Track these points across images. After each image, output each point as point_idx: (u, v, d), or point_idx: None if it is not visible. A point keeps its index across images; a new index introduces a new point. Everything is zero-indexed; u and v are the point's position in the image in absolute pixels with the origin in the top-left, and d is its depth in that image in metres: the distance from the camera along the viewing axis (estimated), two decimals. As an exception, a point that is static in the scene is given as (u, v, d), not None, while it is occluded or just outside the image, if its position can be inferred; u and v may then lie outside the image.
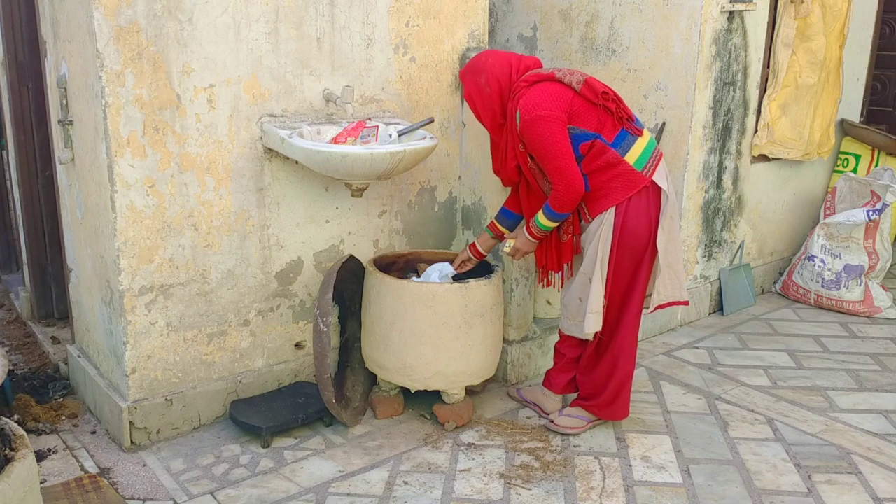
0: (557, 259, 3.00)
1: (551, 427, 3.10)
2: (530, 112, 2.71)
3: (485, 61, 2.86)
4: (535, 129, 2.70)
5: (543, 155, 2.74)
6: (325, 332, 2.90)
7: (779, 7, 4.18)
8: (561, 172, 2.72)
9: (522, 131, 2.75)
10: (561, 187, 2.74)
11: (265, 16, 2.89)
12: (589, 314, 2.87)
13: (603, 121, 2.76)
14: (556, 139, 2.70)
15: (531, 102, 2.71)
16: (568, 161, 2.72)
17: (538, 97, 2.72)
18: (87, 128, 2.82)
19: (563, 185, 2.73)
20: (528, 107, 2.71)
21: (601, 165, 2.77)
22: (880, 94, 5.45)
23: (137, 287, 2.81)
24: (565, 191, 2.74)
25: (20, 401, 3.13)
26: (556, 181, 2.74)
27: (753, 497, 2.71)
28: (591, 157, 2.76)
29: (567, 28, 4.30)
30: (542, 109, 2.70)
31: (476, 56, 2.93)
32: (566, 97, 2.74)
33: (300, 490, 2.69)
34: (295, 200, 3.11)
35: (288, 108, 3.02)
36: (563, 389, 3.18)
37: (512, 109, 2.79)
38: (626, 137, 2.79)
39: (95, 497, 2.59)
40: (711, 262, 4.33)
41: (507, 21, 4.62)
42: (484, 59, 2.87)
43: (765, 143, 4.34)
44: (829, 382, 3.60)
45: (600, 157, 2.76)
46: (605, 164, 2.77)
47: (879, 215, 4.40)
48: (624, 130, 2.80)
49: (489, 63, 2.84)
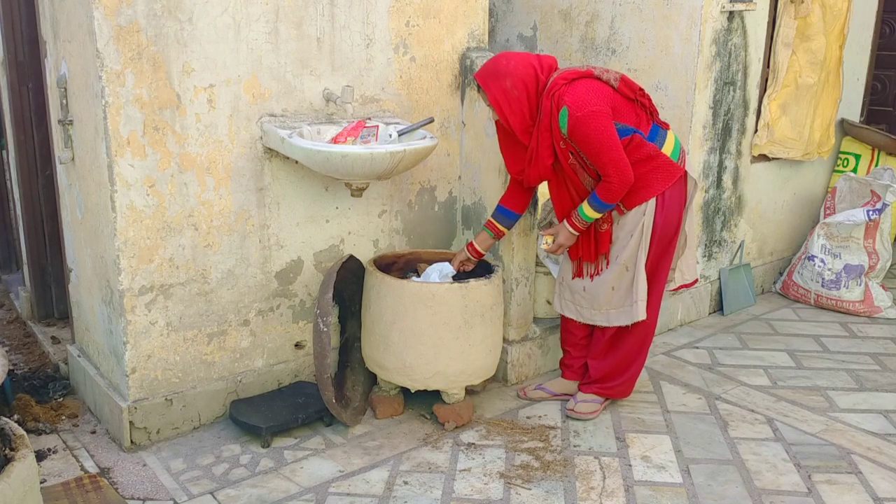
0: (595, 249, 3.05)
1: (573, 415, 3.18)
2: (581, 109, 2.72)
3: (507, 64, 2.83)
4: (588, 124, 2.73)
5: (598, 149, 2.76)
6: (325, 332, 2.90)
7: (779, 7, 4.18)
8: (616, 164, 2.77)
9: (573, 128, 2.75)
10: (615, 179, 2.79)
11: (265, 16, 2.89)
12: (638, 302, 3.00)
13: (639, 116, 2.87)
14: (609, 133, 2.75)
15: (579, 100, 2.73)
16: (621, 153, 2.78)
17: (584, 94, 2.74)
18: (87, 128, 2.82)
19: (618, 177, 2.79)
20: (576, 104, 2.73)
21: (640, 158, 2.87)
22: (880, 94, 5.45)
23: (137, 287, 2.81)
24: (619, 182, 2.79)
25: (20, 401, 3.13)
26: (612, 173, 2.78)
27: (753, 497, 2.71)
28: (630, 151, 2.85)
29: (567, 28, 4.30)
30: (592, 105, 2.72)
31: (492, 60, 2.91)
32: (608, 93, 2.79)
33: (300, 490, 2.69)
34: (295, 200, 3.11)
35: (288, 107, 3.02)
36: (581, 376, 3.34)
37: (548, 108, 2.79)
38: (659, 131, 2.92)
39: (95, 497, 2.59)
40: (711, 262, 4.33)
41: (507, 21, 4.62)
42: (505, 62, 2.84)
43: (765, 142, 4.34)
44: (829, 382, 3.60)
45: (640, 150, 2.86)
46: (645, 157, 2.87)
47: (879, 215, 4.40)
48: (655, 125, 2.92)
49: (512, 66, 2.82)
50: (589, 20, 4.19)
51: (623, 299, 3.05)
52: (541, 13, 4.42)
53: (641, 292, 3.01)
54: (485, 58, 3.38)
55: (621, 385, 3.23)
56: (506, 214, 3.15)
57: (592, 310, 3.13)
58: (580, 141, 2.78)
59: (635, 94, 2.86)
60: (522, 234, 3.38)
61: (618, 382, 3.21)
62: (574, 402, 3.22)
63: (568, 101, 2.74)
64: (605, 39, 4.14)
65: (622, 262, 3.01)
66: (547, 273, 3.54)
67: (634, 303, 3.02)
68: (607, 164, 2.78)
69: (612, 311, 3.08)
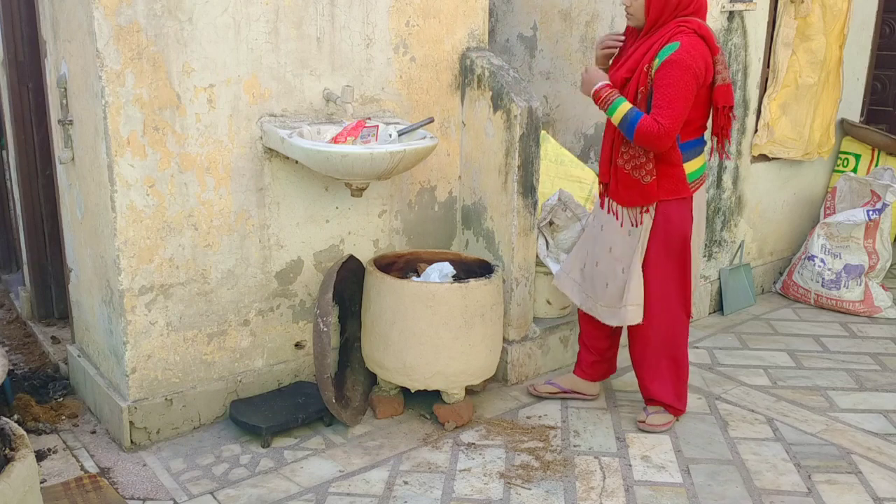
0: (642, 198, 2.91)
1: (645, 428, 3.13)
2: (685, 57, 2.70)
3: None
4: (678, 70, 2.71)
5: (671, 96, 2.72)
6: (325, 332, 2.90)
7: (779, 7, 4.18)
8: (672, 116, 2.71)
9: (666, 64, 2.72)
10: (665, 124, 2.71)
11: (265, 16, 2.89)
12: (630, 306, 2.97)
13: (701, 122, 2.86)
14: (689, 92, 2.73)
15: (690, 50, 2.72)
16: (683, 113, 2.74)
17: (697, 52, 2.73)
18: (87, 128, 2.82)
19: (665, 126, 2.71)
20: (686, 49, 2.71)
21: (660, 157, 2.84)
22: (880, 94, 5.44)
23: (137, 287, 2.81)
24: (659, 131, 2.72)
25: (20, 401, 3.13)
26: (664, 117, 2.72)
27: (753, 497, 2.71)
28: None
29: (567, 28, 4.30)
30: (695, 63, 2.72)
31: None
32: (705, 76, 2.77)
33: (300, 490, 2.69)
34: (295, 200, 3.11)
35: (288, 107, 3.02)
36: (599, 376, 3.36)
37: (664, 35, 2.77)
38: (695, 147, 2.90)
39: (95, 497, 2.59)
40: (711, 262, 4.33)
41: (507, 21, 4.62)
42: None
43: (765, 142, 4.34)
44: (829, 382, 3.60)
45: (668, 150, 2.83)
46: (665, 159, 2.84)
47: (879, 215, 4.40)
48: (700, 138, 2.90)
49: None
50: (589, 20, 4.19)
51: (614, 299, 3.02)
52: (541, 13, 4.42)
53: (634, 297, 2.97)
54: (484, 58, 3.38)
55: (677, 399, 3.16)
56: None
57: (588, 297, 3.13)
58: (663, 79, 2.73)
59: (720, 103, 2.84)
60: (522, 234, 3.38)
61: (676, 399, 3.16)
62: (646, 414, 3.17)
63: (683, 41, 2.72)
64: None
65: (617, 256, 2.98)
66: (547, 273, 3.54)
67: (624, 306, 2.99)
68: (666, 106, 2.71)
69: (605, 309, 3.07)
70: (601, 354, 3.30)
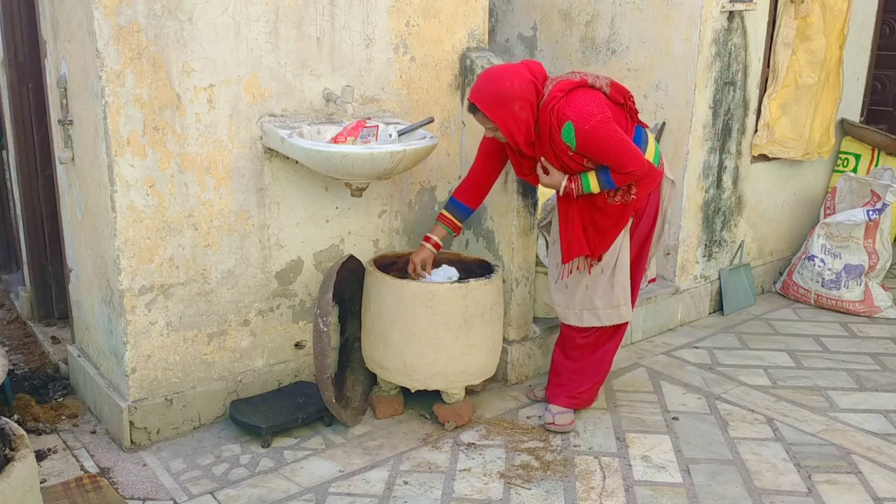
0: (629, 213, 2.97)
1: (554, 429, 3.11)
2: (588, 121, 2.69)
3: (510, 87, 2.73)
4: (598, 134, 2.71)
5: (615, 153, 2.74)
6: (325, 332, 2.90)
7: (779, 7, 4.18)
8: (634, 160, 2.76)
9: (583, 141, 2.72)
10: (638, 171, 2.78)
11: (265, 16, 2.89)
12: (621, 306, 3.03)
13: (627, 120, 2.87)
14: (619, 136, 2.74)
15: (583, 112, 2.70)
16: (635, 148, 2.78)
17: (586, 105, 2.72)
18: (87, 128, 2.82)
19: (640, 169, 2.78)
20: (582, 117, 2.69)
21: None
22: (880, 94, 5.45)
23: (137, 287, 2.81)
24: (641, 172, 2.79)
25: (20, 401, 3.13)
26: (634, 168, 2.76)
27: (753, 497, 2.71)
28: None
29: (567, 28, 4.30)
30: (598, 115, 2.71)
31: (489, 80, 2.79)
32: (603, 100, 2.79)
33: (300, 490, 2.69)
34: (295, 200, 3.11)
35: (288, 107, 3.02)
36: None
37: (548, 122, 2.75)
38: (642, 134, 2.93)
39: (95, 497, 2.59)
40: (711, 262, 4.33)
41: (507, 21, 4.62)
42: (508, 84, 2.74)
43: (765, 142, 4.34)
44: (829, 382, 3.60)
45: None
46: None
47: (879, 215, 4.40)
48: (639, 127, 2.93)
49: (516, 87, 2.73)
50: (589, 20, 4.19)
51: (596, 300, 3.03)
52: (541, 13, 4.42)
53: (623, 296, 3.00)
54: (484, 58, 3.38)
55: (587, 392, 3.19)
56: (460, 208, 3.12)
57: (567, 307, 3.11)
58: (593, 151, 2.75)
59: (625, 98, 2.86)
60: (522, 234, 3.38)
61: (584, 389, 3.17)
62: (551, 415, 3.14)
63: (571, 116, 2.70)
64: (605, 39, 4.14)
65: (601, 264, 3.00)
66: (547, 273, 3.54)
67: (616, 307, 3.02)
68: (626, 162, 2.75)
69: (586, 312, 3.07)
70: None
